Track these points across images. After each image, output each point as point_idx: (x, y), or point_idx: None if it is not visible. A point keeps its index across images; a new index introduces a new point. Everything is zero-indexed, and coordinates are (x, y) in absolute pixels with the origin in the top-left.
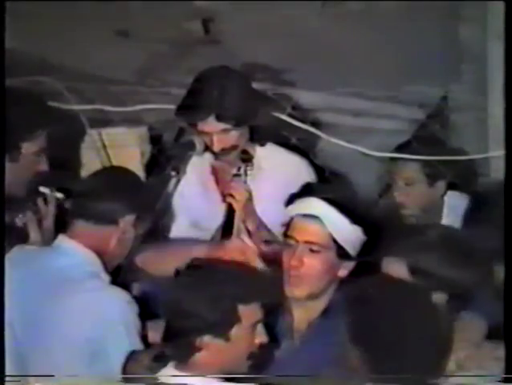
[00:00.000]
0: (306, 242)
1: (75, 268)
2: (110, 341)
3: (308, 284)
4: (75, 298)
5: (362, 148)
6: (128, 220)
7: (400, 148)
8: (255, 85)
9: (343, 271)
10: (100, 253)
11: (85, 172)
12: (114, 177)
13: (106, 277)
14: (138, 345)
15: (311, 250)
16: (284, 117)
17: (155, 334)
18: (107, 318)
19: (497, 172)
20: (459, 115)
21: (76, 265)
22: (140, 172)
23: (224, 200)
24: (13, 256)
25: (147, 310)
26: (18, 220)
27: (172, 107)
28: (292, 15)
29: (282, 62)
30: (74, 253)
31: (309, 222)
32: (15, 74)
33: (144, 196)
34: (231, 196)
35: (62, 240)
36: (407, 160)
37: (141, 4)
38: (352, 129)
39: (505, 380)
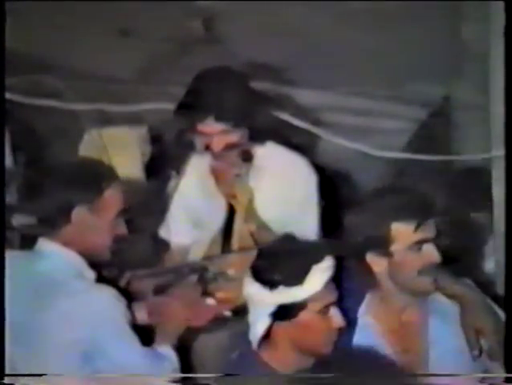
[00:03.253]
0: None
1: (59, 271)
2: (102, 339)
3: None
4: (62, 302)
5: (364, 148)
6: None
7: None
8: (256, 84)
9: None
10: (83, 251)
11: None
12: (85, 168)
13: (91, 275)
14: (131, 337)
15: None
16: (284, 116)
17: (141, 313)
18: (96, 317)
19: (499, 171)
20: (461, 115)
21: (59, 267)
22: (140, 172)
23: (225, 201)
24: None
25: None
26: None
27: (173, 107)
28: (292, 15)
29: (282, 62)
30: (55, 255)
31: None
32: (15, 73)
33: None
34: (234, 196)
35: (43, 243)
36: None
37: (142, 3)
38: (354, 128)
39: (506, 380)
